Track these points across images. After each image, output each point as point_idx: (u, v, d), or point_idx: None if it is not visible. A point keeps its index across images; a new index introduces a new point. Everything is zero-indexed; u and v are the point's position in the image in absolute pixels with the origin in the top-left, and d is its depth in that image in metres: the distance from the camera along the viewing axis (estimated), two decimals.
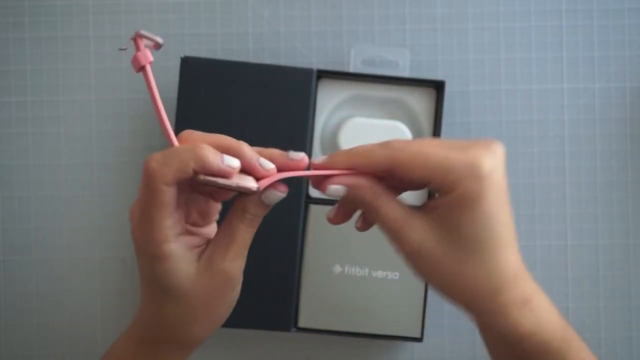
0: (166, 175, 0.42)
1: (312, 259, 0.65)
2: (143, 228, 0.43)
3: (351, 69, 0.67)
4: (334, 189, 0.44)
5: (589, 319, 0.68)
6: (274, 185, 0.45)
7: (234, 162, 0.43)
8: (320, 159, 0.45)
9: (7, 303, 0.68)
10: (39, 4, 0.69)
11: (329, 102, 0.67)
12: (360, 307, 0.65)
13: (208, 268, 0.45)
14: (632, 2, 0.69)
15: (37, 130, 0.69)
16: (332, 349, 0.68)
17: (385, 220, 0.44)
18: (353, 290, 0.65)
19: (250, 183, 0.44)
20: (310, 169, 0.46)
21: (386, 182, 0.45)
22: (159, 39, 0.43)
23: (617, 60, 0.69)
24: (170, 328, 0.46)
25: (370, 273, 0.65)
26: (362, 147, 0.44)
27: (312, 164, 0.45)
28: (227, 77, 0.64)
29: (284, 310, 0.64)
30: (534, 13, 0.69)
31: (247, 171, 0.44)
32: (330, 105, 0.67)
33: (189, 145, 0.42)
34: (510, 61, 0.69)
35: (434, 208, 0.43)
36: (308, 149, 0.65)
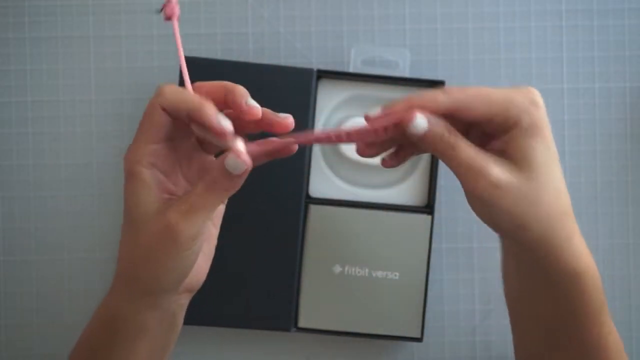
0: (167, 101, 0.45)
1: (312, 259, 0.65)
2: (130, 147, 0.46)
3: (351, 69, 0.67)
4: (419, 122, 0.44)
5: None
6: (237, 153, 0.44)
7: (227, 124, 0.44)
8: (374, 113, 0.46)
9: (7, 303, 0.68)
10: (39, 4, 0.69)
11: (329, 102, 0.67)
12: (360, 307, 0.65)
13: (158, 214, 0.44)
14: (632, 2, 0.69)
15: (37, 130, 0.69)
16: (332, 349, 0.68)
17: (463, 157, 0.45)
18: (353, 290, 0.65)
19: (230, 142, 0.44)
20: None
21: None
22: None
23: (617, 60, 0.69)
24: (127, 260, 0.46)
25: (370, 273, 0.65)
26: (420, 94, 0.45)
27: (368, 118, 0.46)
28: (227, 77, 0.64)
29: (284, 310, 0.64)
30: (534, 13, 0.69)
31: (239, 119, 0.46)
32: (330, 105, 0.67)
33: (199, 97, 0.45)
34: (510, 61, 0.69)
35: (501, 144, 0.46)
36: (308, 148, 0.65)
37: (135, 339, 0.48)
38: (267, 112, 0.47)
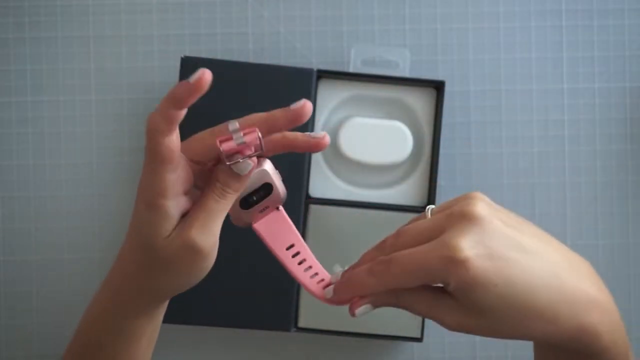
0: (160, 125, 0.43)
1: None
2: (148, 177, 0.44)
3: (351, 69, 0.67)
4: (362, 312, 0.47)
5: None
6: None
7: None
8: (329, 292, 0.48)
9: (7, 303, 0.68)
10: (39, 4, 0.69)
11: (329, 102, 0.67)
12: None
13: (177, 235, 0.44)
14: (632, 2, 0.69)
15: (37, 130, 0.69)
16: (332, 349, 0.68)
17: (418, 312, 0.46)
18: None
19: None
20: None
21: None
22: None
23: (617, 60, 0.69)
24: (139, 278, 0.46)
25: None
26: (356, 279, 0.46)
27: (330, 300, 0.48)
28: (227, 77, 0.64)
29: (284, 310, 0.64)
30: (534, 13, 0.69)
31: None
32: (330, 105, 0.67)
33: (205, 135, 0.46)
34: (510, 61, 0.69)
35: (449, 291, 0.44)
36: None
37: (140, 339, 0.49)
38: (302, 138, 0.47)
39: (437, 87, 0.66)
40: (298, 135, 0.47)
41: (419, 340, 0.65)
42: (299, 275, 0.48)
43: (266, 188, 0.47)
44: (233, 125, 0.44)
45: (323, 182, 0.66)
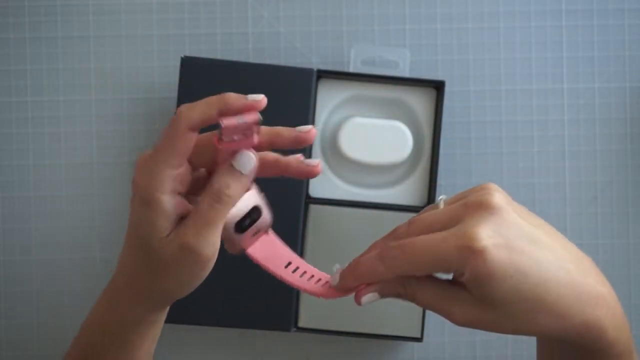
0: (191, 117, 0.43)
1: (312, 259, 0.65)
2: (145, 171, 0.44)
3: (351, 69, 0.67)
4: (368, 300, 0.45)
5: None
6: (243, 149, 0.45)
7: (258, 96, 0.44)
8: (335, 279, 0.46)
9: (7, 303, 0.68)
10: (39, 4, 0.69)
11: (329, 102, 0.67)
12: (360, 307, 0.65)
13: (174, 238, 0.44)
14: (632, 2, 0.69)
15: (37, 130, 0.69)
16: (332, 349, 0.68)
17: (425, 304, 0.45)
18: None
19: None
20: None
21: None
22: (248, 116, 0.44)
23: (617, 60, 0.69)
24: (133, 274, 0.46)
25: None
26: (363, 265, 0.45)
27: (328, 293, 0.46)
28: (227, 77, 0.64)
29: (284, 310, 0.64)
30: (534, 13, 0.69)
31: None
32: (330, 105, 0.67)
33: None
34: (510, 61, 0.69)
35: (460, 282, 0.43)
36: (308, 149, 0.65)
37: (142, 343, 0.49)
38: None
39: (437, 87, 0.66)
40: (291, 160, 0.47)
41: (419, 340, 0.65)
42: (304, 285, 0.47)
43: (256, 212, 0.47)
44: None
45: (323, 182, 0.66)
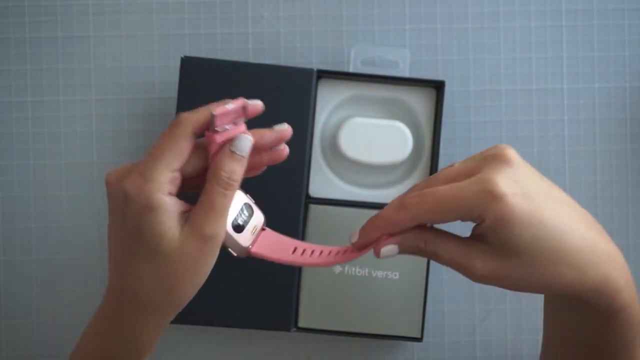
0: (195, 120, 0.45)
1: None
2: (142, 176, 0.44)
3: (351, 69, 0.67)
4: (387, 252, 0.45)
5: None
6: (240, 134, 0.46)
7: (256, 101, 0.47)
8: (354, 236, 0.46)
9: (7, 303, 0.68)
10: (39, 4, 0.69)
11: (329, 102, 0.67)
12: (360, 307, 0.65)
13: (191, 233, 0.45)
14: (632, 2, 0.69)
15: (37, 130, 0.69)
16: (332, 349, 0.68)
17: (446, 259, 0.45)
18: (353, 290, 0.65)
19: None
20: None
21: None
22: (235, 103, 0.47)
23: (617, 60, 0.69)
24: (147, 291, 0.46)
25: (370, 273, 0.65)
26: (383, 215, 0.45)
27: (351, 247, 0.47)
28: (227, 77, 0.64)
29: (284, 310, 0.64)
30: (534, 13, 0.69)
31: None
32: (330, 105, 0.67)
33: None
34: (510, 61, 0.69)
35: (481, 230, 0.44)
36: (308, 149, 0.65)
37: (147, 354, 0.49)
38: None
39: (437, 87, 0.66)
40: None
41: (419, 340, 0.65)
42: (318, 261, 0.48)
43: (248, 208, 0.48)
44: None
45: (323, 182, 0.66)
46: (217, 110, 0.44)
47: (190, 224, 0.45)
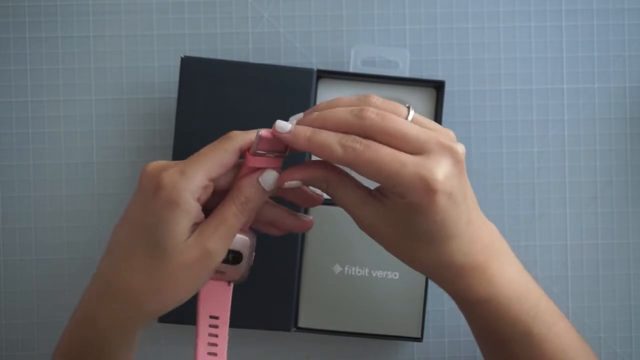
0: (245, 139, 0.47)
1: (312, 259, 0.65)
2: (181, 172, 0.45)
3: (351, 69, 0.67)
4: (290, 185, 0.48)
5: (589, 319, 0.68)
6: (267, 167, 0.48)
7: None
8: (286, 125, 0.47)
9: (7, 303, 0.68)
10: (39, 4, 0.69)
11: None
12: (360, 307, 0.65)
13: (195, 242, 0.46)
14: (632, 2, 0.69)
15: (37, 130, 0.69)
16: (332, 349, 0.68)
17: (340, 205, 0.48)
18: (353, 290, 0.65)
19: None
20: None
21: None
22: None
23: (617, 60, 0.69)
24: (135, 289, 0.46)
25: (370, 273, 0.65)
26: (323, 137, 0.46)
27: (272, 131, 0.47)
28: (227, 77, 0.64)
29: (284, 310, 0.64)
30: (534, 13, 0.69)
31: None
32: None
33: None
34: (510, 61, 0.69)
35: (386, 198, 0.46)
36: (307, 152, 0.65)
37: (132, 350, 0.49)
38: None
39: (437, 87, 0.66)
40: (286, 217, 0.52)
41: (419, 340, 0.65)
42: (200, 345, 0.51)
43: (237, 256, 0.50)
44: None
45: None
46: (262, 132, 0.46)
47: (197, 234, 0.46)
